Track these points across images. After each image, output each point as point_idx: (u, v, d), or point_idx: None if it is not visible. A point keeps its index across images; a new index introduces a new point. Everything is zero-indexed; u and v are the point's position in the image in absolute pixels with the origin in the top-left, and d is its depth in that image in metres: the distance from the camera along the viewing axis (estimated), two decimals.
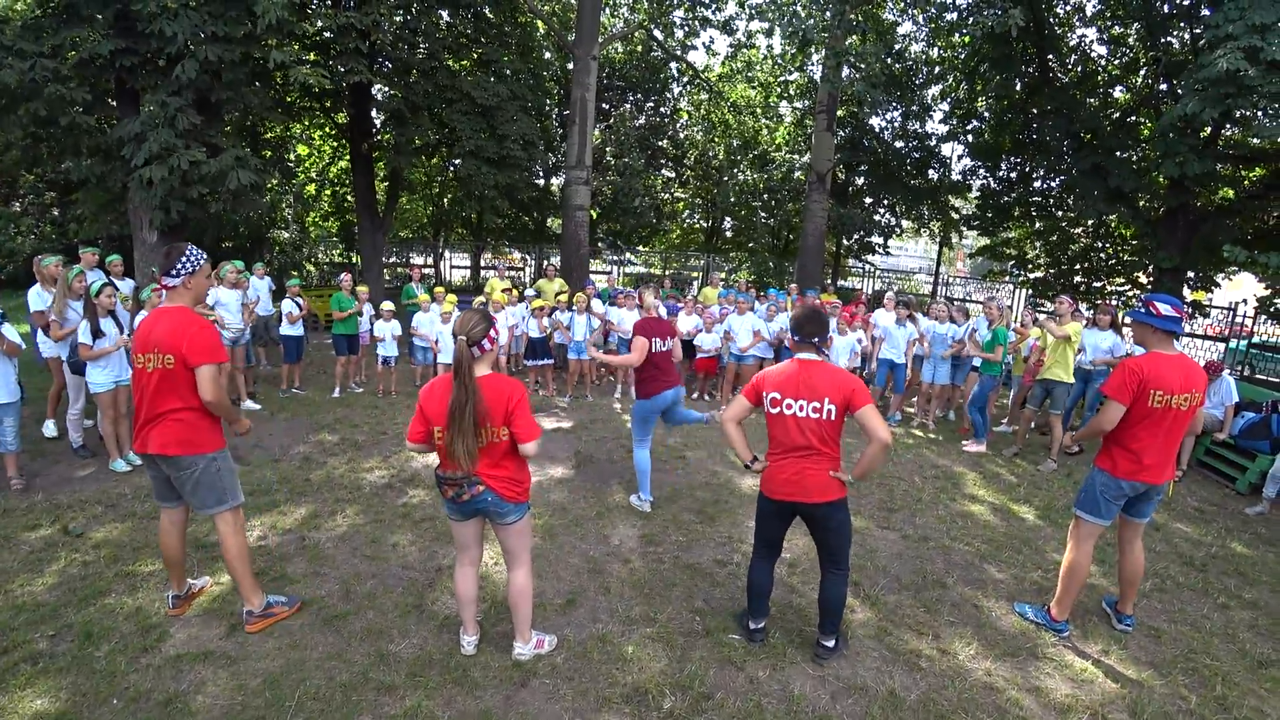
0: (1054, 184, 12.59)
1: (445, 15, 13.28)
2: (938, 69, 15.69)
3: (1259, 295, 10.45)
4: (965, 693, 3.03)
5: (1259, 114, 8.39)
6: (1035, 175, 12.93)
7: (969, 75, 13.19)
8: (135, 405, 3.11)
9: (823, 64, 11.95)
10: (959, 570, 4.19)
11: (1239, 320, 11.47)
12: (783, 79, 18.04)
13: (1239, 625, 3.73)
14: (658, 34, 16.83)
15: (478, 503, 2.84)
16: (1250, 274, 10.33)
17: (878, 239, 18.09)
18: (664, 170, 20.87)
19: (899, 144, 17.01)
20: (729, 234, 22.18)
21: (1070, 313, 6.42)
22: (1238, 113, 8.27)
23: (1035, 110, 11.52)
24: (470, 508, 2.87)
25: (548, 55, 17.56)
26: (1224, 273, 12.27)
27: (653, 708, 2.84)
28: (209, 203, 8.53)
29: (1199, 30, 9.25)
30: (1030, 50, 11.18)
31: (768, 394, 3.03)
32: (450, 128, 12.63)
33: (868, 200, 17.90)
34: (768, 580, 3.28)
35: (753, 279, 17.13)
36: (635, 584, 3.83)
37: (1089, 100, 11.14)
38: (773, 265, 17.35)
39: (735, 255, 20.05)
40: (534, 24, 15.85)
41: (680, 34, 17.00)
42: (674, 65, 18.97)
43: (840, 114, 14.71)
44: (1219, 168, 9.06)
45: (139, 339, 3.03)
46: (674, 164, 20.86)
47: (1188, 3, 9.59)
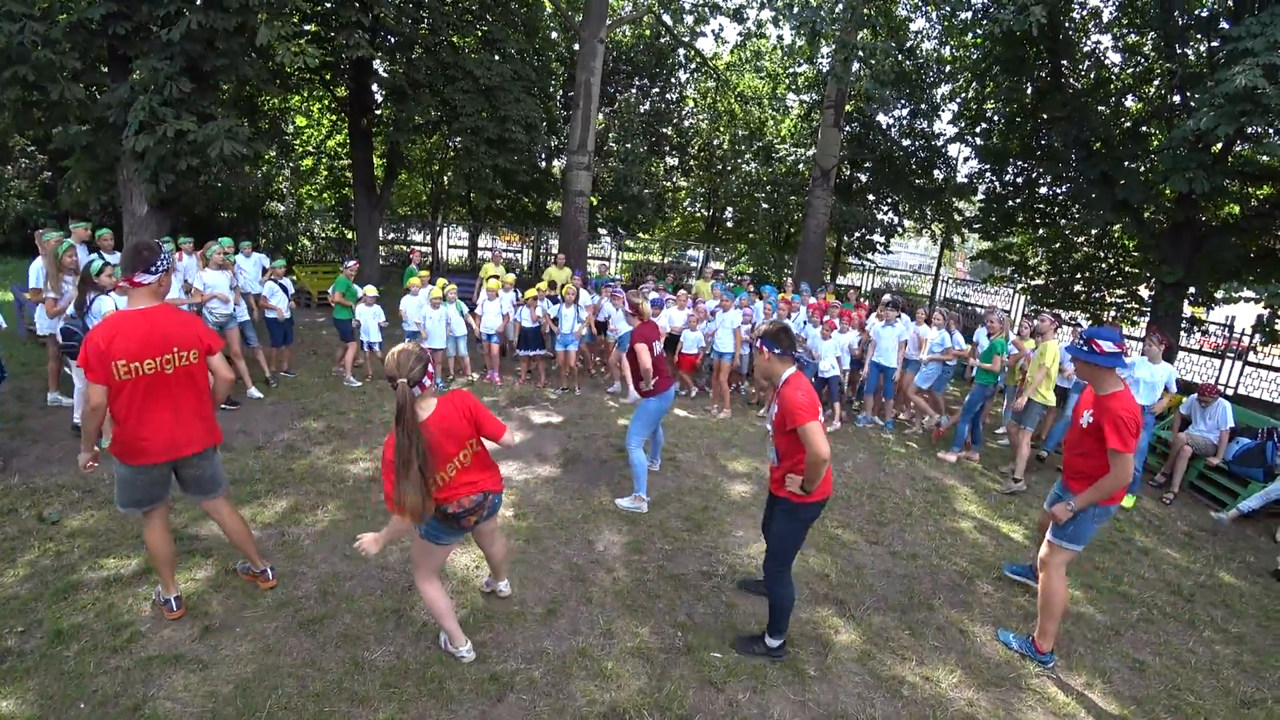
0: (1060, 191, 12.45)
1: None
2: (948, 68, 15.44)
3: (1258, 315, 10.37)
4: None
5: (1271, 131, 8.27)
6: (1042, 181, 12.77)
7: (979, 77, 12.97)
8: (140, 412, 2.88)
9: (832, 57, 11.72)
10: (946, 591, 4.15)
11: (1237, 336, 11.39)
12: (791, 70, 17.76)
13: (1224, 661, 3.71)
14: (667, 19, 16.54)
15: (492, 509, 2.97)
16: (1252, 291, 10.24)
17: (879, 237, 17.92)
18: (667, 158, 20.61)
19: (906, 142, 16.80)
20: (729, 224, 21.98)
21: (1053, 329, 6.26)
22: (1250, 129, 8.14)
23: (1045, 115, 11.35)
24: (480, 520, 2.95)
25: (554, 36, 17.23)
26: (1224, 291, 12.18)
27: None
28: (200, 174, 8.34)
29: (1216, 44, 9.09)
30: (1043, 55, 11.00)
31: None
32: (451, 105, 12.41)
33: (871, 198, 17.71)
34: None
35: (751, 271, 17.00)
36: (618, 594, 3.79)
37: (1100, 108, 10.96)
38: (773, 259, 17.19)
39: (735, 246, 19.88)
40: (541, 3, 15.52)
41: (690, 20, 16.73)
42: (681, 51, 18.65)
43: (847, 109, 14.49)
44: (1226, 183, 8.92)
45: (140, 345, 2.82)
46: (677, 152, 20.60)
47: (1207, 15, 9.42)
